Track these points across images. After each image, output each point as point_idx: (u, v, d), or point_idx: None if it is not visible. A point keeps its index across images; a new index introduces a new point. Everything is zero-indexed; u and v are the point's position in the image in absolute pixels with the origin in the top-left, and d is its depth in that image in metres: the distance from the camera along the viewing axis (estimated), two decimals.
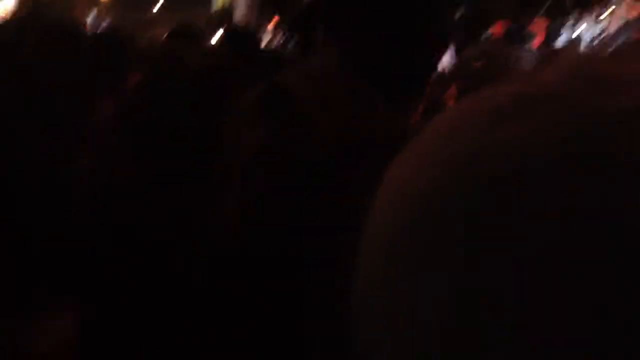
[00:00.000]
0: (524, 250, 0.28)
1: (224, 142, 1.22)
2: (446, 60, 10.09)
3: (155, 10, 36.43)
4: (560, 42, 10.84)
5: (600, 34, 10.02)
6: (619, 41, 9.32)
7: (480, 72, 8.13)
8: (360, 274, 0.38)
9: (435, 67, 1.01)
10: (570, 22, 10.66)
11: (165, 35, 4.46)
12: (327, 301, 0.89)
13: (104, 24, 16.39)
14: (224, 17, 21.91)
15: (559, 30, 11.07)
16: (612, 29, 9.73)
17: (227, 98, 1.14)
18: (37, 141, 1.12)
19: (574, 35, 10.43)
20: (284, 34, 14.50)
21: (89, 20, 14.33)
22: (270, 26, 17.26)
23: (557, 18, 11.05)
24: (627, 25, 9.32)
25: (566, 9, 10.73)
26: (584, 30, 10.30)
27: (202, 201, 1.04)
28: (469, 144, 0.34)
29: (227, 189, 0.95)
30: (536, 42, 11.51)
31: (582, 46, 9.97)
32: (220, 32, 9.14)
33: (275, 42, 14.16)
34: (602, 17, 10.00)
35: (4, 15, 14.51)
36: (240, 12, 20.82)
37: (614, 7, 10.00)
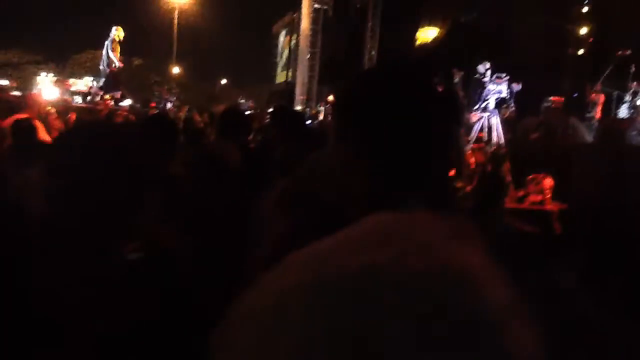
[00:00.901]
0: None
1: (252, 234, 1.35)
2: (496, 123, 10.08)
3: (223, 82, 37.71)
4: (621, 112, 10.72)
5: None
6: None
7: (537, 144, 8.10)
8: None
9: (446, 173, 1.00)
10: (630, 92, 10.57)
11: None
12: None
13: (171, 100, 17.29)
14: (285, 92, 22.71)
15: (620, 100, 10.97)
16: None
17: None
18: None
19: (637, 104, 10.32)
20: None
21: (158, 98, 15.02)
22: (328, 99, 17.84)
23: (615, 89, 10.99)
24: None
25: (625, 80, 10.67)
26: None
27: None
28: None
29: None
30: (597, 111, 11.44)
31: None
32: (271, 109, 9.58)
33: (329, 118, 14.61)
34: None
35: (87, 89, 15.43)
36: (300, 88, 21.68)
37: None
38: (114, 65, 13.70)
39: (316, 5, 21.31)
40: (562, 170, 5.91)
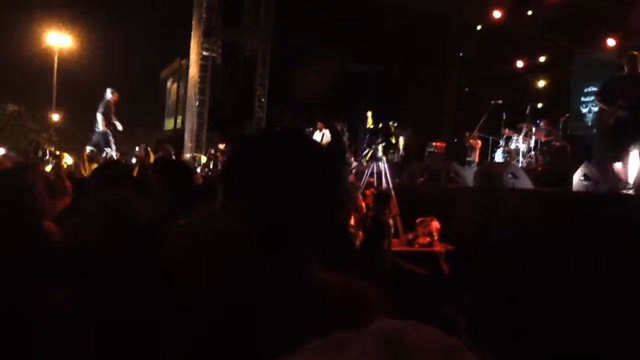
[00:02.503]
0: None
1: None
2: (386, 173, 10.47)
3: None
4: (497, 156, 11.46)
5: (529, 148, 10.75)
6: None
7: (422, 186, 8.41)
8: None
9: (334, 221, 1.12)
10: (504, 137, 11.36)
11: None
12: None
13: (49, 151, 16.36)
14: (174, 138, 22.27)
15: (495, 145, 11.74)
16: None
17: None
18: None
19: (511, 148, 11.09)
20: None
21: None
22: (219, 147, 17.69)
23: (490, 135, 11.79)
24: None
25: (499, 127, 11.49)
26: (515, 144, 11.00)
27: None
28: None
29: None
30: (475, 155, 12.16)
31: (516, 158, 10.59)
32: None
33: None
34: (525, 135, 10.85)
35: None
36: (189, 135, 21.37)
37: (538, 123, 10.90)
38: None
39: (205, 53, 21.26)
40: (447, 213, 6.15)
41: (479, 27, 17.52)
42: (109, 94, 12.58)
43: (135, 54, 34.15)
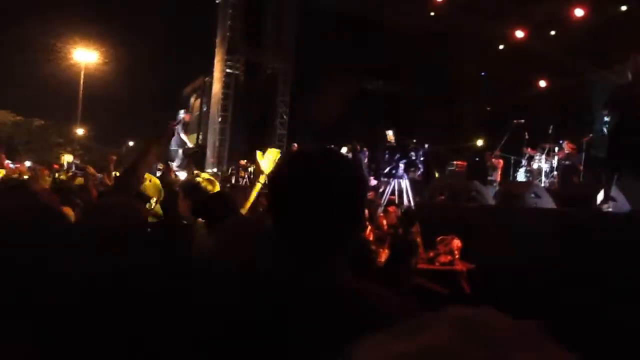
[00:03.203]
0: None
1: None
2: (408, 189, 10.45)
3: (131, 144, 36.76)
4: (519, 175, 11.39)
5: (552, 167, 10.66)
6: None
7: (444, 205, 8.38)
8: None
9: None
10: (526, 157, 11.30)
11: None
12: None
13: (75, 164, 16.64)
14: (197, 154, 22.49)
15: (517, 165, 11.67)
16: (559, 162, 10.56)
17: None
18: None
19: (533, 167, 11.03)
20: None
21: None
22: (240, 162, 17.82)
23: (512, 154, 11.73)
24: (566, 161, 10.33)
25: (521, 146, 11.43)
26: (538, 164, 10.93)
27: None
28: None
29: None
30: (497, 175, 12.10)
31: (538, 177, 10.50)
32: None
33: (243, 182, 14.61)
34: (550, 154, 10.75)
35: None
36: (211, 150, 21.57)
37: (560, 144, 10.81)
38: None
39: (228, 70, 21.52)
40: (468, 232, 6.12)
41: (501, 47, 17.54)
42: (182, 113, 12.98)
43: (159, 71, 34.70)
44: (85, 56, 27.47)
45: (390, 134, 11.57)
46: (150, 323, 1.23)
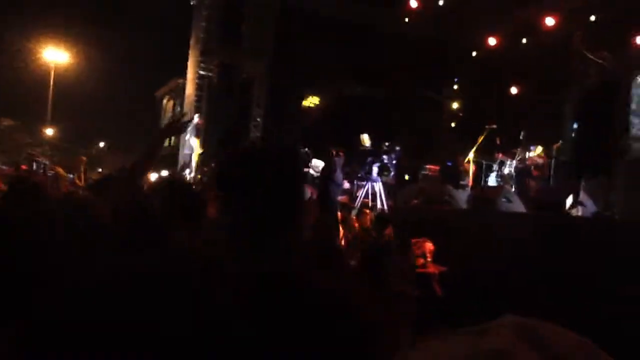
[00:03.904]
0: None
1: None
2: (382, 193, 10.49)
3: (101, 146, 36.28)
4: (490, 180, 11.52)
5: (521, 172, 10.82)
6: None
7: (417, 209, 8.43)
8: None
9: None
10: (497, 162, 11.43)
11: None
12: None
13: (44, 164, 16.34)
14: (169, 157, 22.29)
15: (489, 169, 11.80)
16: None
17: None
18: None
19: (504, 172, 11.17)
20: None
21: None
22: (213, 166, 17.71)
23: (484, 159, 11.86)
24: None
25: (493, 151, 11.57)
26: (509, 169, 11.08)
27: None
28: None
29: None
30: (469, 179, 12.21)
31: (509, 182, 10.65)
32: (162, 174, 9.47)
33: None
34: (519, 159, 10.90)
35: None
36: (185, 152, 21.40)
37: (531, 150, 10.98)
38: None
39: (201, 72, 21.40)
40: (442, 235, 6.17)
41: (474, 54, 17.75)
42: (197, 118, 13.07)
43: (132, 73, 34.31)
44: (55, 56, 27.04)
45: (364, 137, 11.62)
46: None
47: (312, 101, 22.64)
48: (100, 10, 35.54)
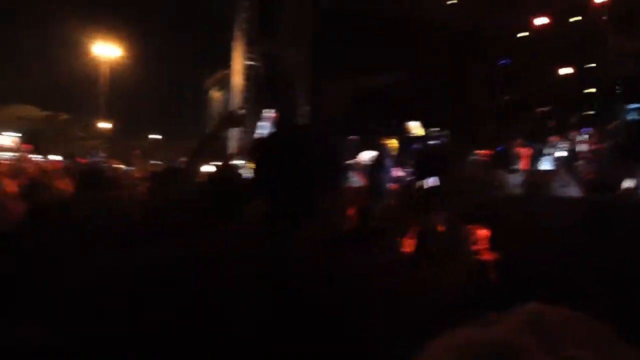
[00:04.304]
0: None
1: None
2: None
3: (153, 137, 37.11)
4: (543, 164, 11.31)
5: (575, 156, 10.56)
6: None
7: (468, 195, 8.36)
8: None
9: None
10: (551, 145, 11.20)
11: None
12: None
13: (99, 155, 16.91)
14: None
15: (541, 153, 11.58)
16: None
17: None
18: None
19: (558, 156, 10.93)
20: None
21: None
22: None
23: (537, 143, 11.63)
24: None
25: (546, 134, 11.35)
26: (562, 152, 10.83)
27: None
28: None
29: None
30: (522, 164, 12.00)
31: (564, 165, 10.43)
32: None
33: None
34: (573, 142, 10.65)
35: None
36: (234, 142, 21.72)
37: (585, 133, 10.72)
38: None
39: (247, 62, 21.62)
40: (492, 221, 6.11)
41: (520, 35, 17.35)
42: (272, 112, 13.50)
43: (180, 64, 34.93)
44: (107, 51, 27.75)
45: (413, 125, 11.57)
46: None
47: (356, 88, 22.59)
48: (148, 4, 36.25)
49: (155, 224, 2.27)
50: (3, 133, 24.30)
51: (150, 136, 37.90)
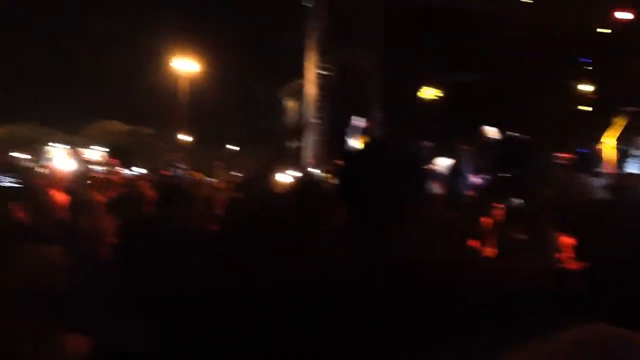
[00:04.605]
0: None
1: None
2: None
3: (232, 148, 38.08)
4: (630, 166, 10.83)
5: None
6: None
7: (549, 200, 8.12)
8: None
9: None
10: (638, 146, 10.71)
11: None
12: None
13: (181, 167, 17.51)
14: (294, 156, 23.05)
15: (628, 155, 11.09)
16: None
17: None
18: None
19: None
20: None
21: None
22: (337, 163, 18.10)
23: (623, 144, 11.14)
24: None
25: (632, 135, 10.85)
26: None
27: None
28: None
29: None
30: (607, 167, 11.52)
31: None
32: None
33: None
34: None
35: None
36: (310, 151, 22.02)
37: None
38: None
39: (320, 72, 21.86)
40: (574, 226, 5.93)
41: (599, 30, 16.65)
42: (362, 121, 13.79)
43: (255, 76, 35.76)
44: (186, 66, 28.82)
45: (489, 129, 11.32)
46: None
47: (428, 93, 22.36)
48: (223, 20, 37.39)
49: (251, 234, 2.39)
50: (92, 147, 25.72)
51: (227, 146, 38.92)
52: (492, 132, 11.33)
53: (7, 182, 5.67)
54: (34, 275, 2.00)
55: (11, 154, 18.33)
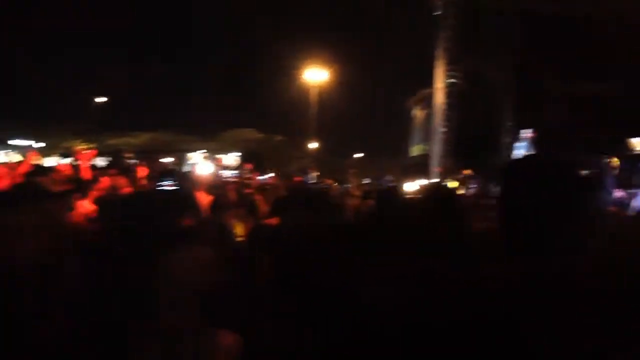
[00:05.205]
0: None
1: None
2: None
3: (357, 156, 38.69)
4: None
5: None
6: None
7: None
8: None
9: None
10: None
11: None
12: None
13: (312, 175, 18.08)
14: (420, 164, 22.92)
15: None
16: None
17: None
18: None
19: None
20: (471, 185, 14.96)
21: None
22: (464, 172, 17.76)
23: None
24: None
25: None
26: None
27: None
28: None
29: None
30: None
31: None
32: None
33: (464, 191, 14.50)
34: None
35: None
36: (435, 160, 21.75)
37: None
38: None
39: (450, 81, 21.55)
40: None
41: None
42: (530, 133, 13.76)
43: (383, 86, 36.03)
44: (316, 76, 29.68)
45: (635, 141, 10.68)
46: None
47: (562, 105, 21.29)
48: (351, 30, 38.09)
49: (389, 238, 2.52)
50: (228, 153, 27.32)
51: (355, 155, 39.52)
52: (638, 144, 10.68)
53: (166, 185, 6.25)
54: (191, 275, 2.09)
55: (161, 160, 19.90)
